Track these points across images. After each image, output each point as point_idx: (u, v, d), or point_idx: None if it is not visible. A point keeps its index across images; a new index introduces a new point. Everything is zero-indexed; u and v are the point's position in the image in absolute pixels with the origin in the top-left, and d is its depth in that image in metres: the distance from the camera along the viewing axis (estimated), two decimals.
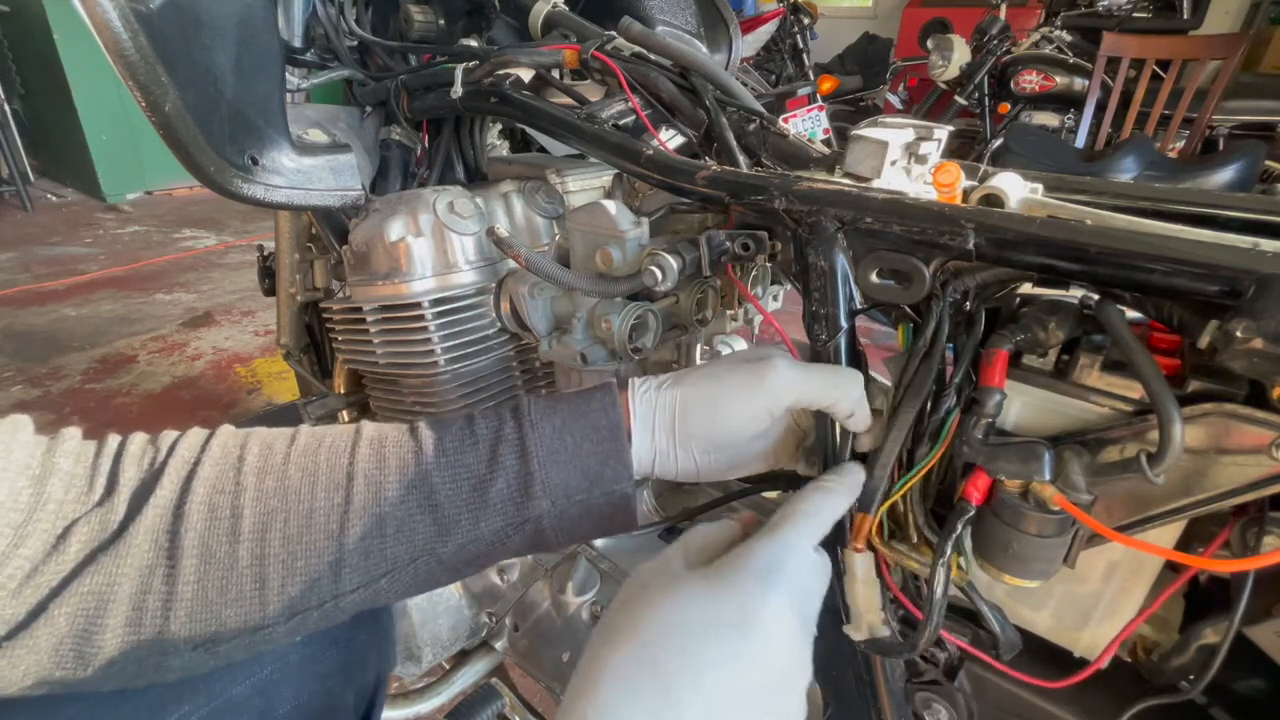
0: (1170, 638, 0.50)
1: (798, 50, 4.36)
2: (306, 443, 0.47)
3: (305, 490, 0.44)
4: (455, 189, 0.77)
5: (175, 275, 3.48)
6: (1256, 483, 0.39)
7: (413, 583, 0.47)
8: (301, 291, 1.05)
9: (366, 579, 0.45)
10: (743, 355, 0.51)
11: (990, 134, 3.51)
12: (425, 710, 0.93)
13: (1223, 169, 2.53)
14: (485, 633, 0.94)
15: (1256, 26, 4.33)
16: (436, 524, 0.45)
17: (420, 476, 0.45)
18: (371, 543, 0.44)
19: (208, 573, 0.42)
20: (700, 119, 0.68)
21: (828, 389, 0.49)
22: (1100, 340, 0.46)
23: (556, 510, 0.46)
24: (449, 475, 0.46)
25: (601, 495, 0.47)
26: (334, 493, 0.45)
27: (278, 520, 0.44)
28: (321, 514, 0.44)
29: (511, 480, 0.46)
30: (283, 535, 0.43)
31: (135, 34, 0.53)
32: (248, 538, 0.43)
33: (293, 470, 0.45)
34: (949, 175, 0.50)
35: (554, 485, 0.46)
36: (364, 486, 0.45)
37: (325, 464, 0.46)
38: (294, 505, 0.44)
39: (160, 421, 2.21)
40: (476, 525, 0.45)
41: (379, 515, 0.44)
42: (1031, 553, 0.44)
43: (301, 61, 0.85)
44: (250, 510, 0.43)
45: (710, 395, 0.49)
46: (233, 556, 0.43)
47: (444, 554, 0.46)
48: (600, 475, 0.47)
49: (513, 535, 0.46)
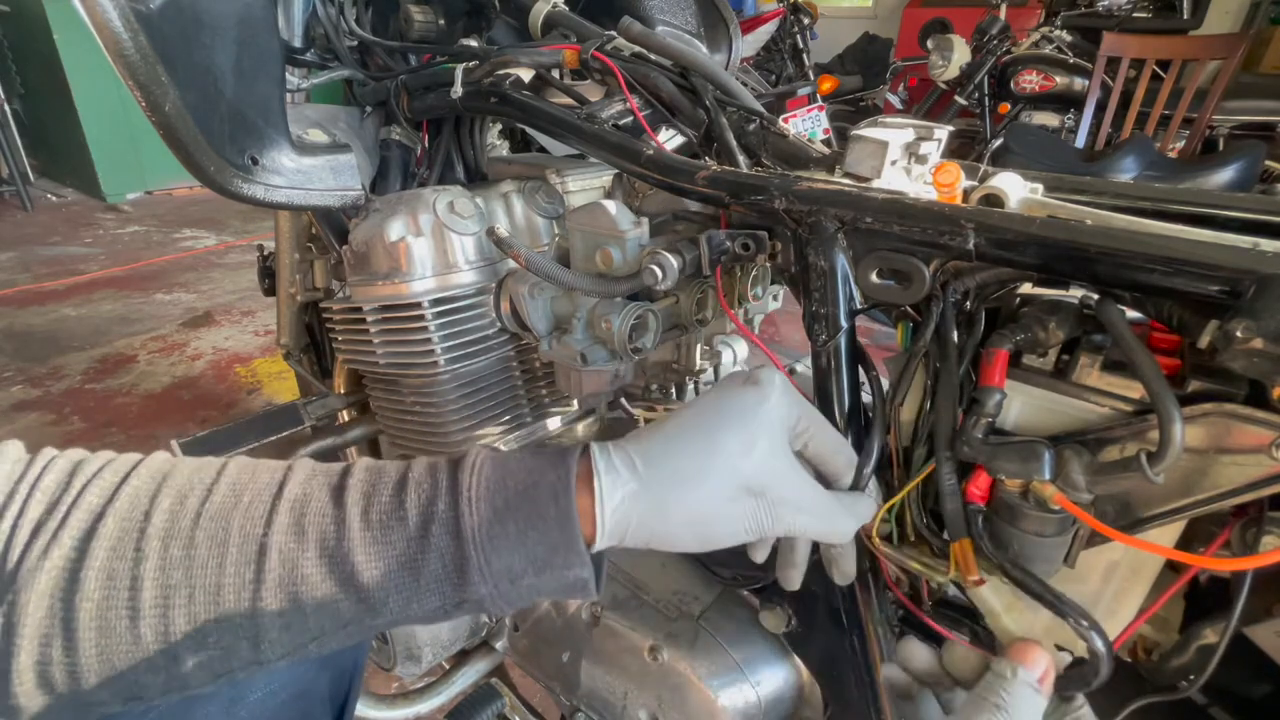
0: (1170, 638, 0.50)
1: (798, 50, 4.36)
2: (222, 502, 0.43)
3: (213, 564, 0.41)
4: (455, 189, 0.77)
5: (175, 275, 3.48)
6: (1256, 483, 0.39)
7: (347, 642, 0.44)
8: (301, 291, 1.05)
9: (290, 648, 0.43)
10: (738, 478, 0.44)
11: (990, 134, 3.50)
12: (425, 710, 0.93)
13: (1223, 169, 2.53)
14: (485, 633, 0.94)
15: (1256, 26, 4.33)
16: (362, 602, 0.42)
17: (341, 556, 0.42)
18: (291, 618, 0.42)
19: (110, 647, 0.40)
20: (700, 119, 0.68)
21: (822, 530, 0.46)
22: (1100, 340, 0.46)
23: (499, 593, 0.43)
24: (374, 553, 0.42)
25: (552, 579, 0.44)
26: (244, 569, 0.41)
27: (180, 596, 0.41)
28: (230, 591, 0.41)
29: (446, 562, 0.42)
30: (188, 613, 0.41)
31: (135, 34, 0.53)
32: (149, 614, 0.40)
33: (200, 536, 0.42)
34: (949, 175, 0.50)
35: (495, 571, 0.42)
36: (278, 563, 0.41)
37: (237, 533, 0.42)
38: (199, 580, 0.41)
39: (160, 422, 2.21)
40: (408, 605, 0.43)
41: (294, 594, 0.41)
42: (1031, 552, 0.44)
43: (301, 61, 0.85)
44: (151, 582, 0.40)
45: (702, 528, 0.44)
46: (135, 633, 0.40)
47: (375, 625, 0.44)
48: (548, 562, 0.43)
49: (452, 611, 0.44)
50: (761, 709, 0.69)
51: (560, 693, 0.82)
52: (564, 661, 0.79)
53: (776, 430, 0.46)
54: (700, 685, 0.68)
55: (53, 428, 2.22)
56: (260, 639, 0.42)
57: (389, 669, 0.93)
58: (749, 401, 0.46)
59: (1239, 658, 0.46)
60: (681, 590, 0.76)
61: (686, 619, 0.73)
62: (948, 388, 0.46)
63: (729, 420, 0.46)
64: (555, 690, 0.83)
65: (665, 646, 0.71)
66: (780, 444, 0.46)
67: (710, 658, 0.69)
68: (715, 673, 0.68)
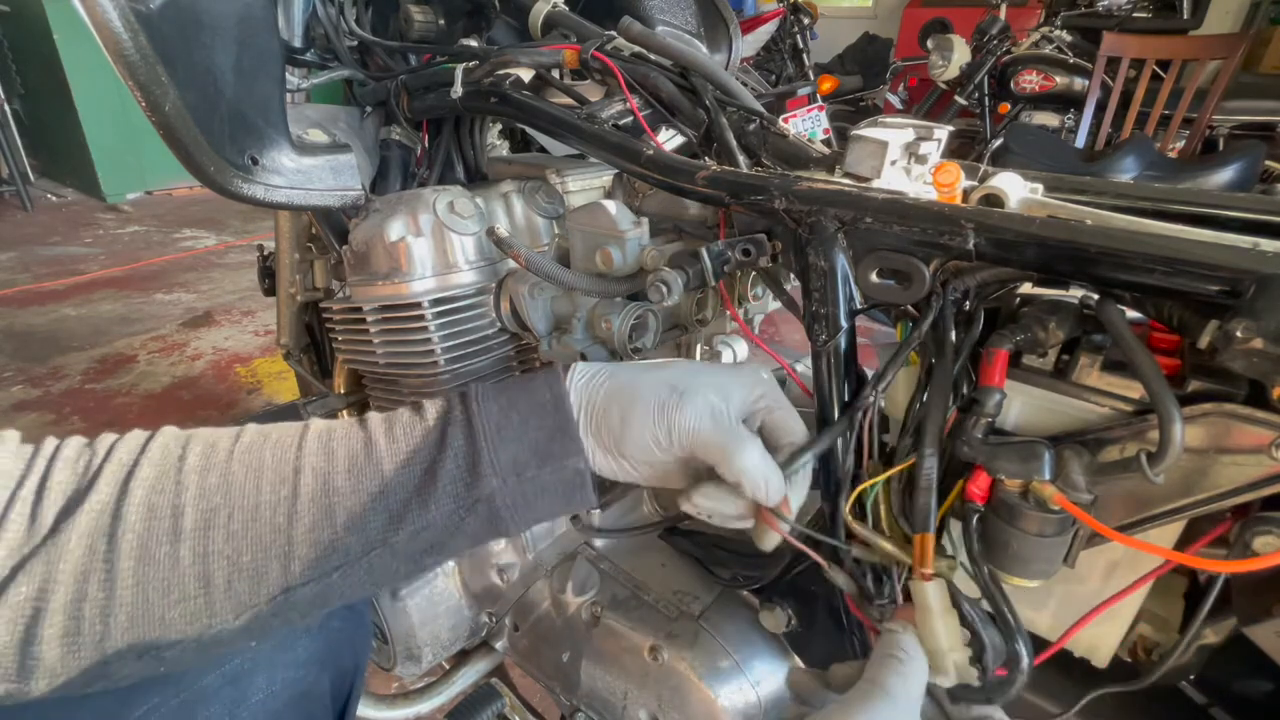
0: (1170, 638, 0.50)
1: (798, 50, 4.36)
2: (251, 439, 0.46)
3: (250, 485, 0.44)
4: (455, 189, 0.77)
5: (175, 275, 3.47)
6: (1256, 483, 0.39)
7: (367, 577, 0.46)
8: (301, 291, 1.05)
9: (318, 572, 0.44)
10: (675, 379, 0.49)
11: (990, 134, 3.50)
12: (425, 710, 0.93)
13: (1223, 169, 2.53)
14: (485, 633, 0.94)
15: (1256, 26, 4.33)
16: (388, 512, 0.45)
17: (370, 465, 0.45)
18: (322, 534, 0.44)
19: (148, 574, 0.41)
20: (700, 119, 0.68)
21: (716, 451, 0.47)
22: (1100, 340, 0.46)
23: (508, 488, 0.46)
24: (399, 461, 0.45)
25: (553, 472, 0.47)
26: (280, 486, 0.44)
27: (220, 517, 0.43)
28: (267, 508, 0.43)
29: (460, 460, 0.45)
30: (226, 531, 0.42)
31: (135, 34, 0.53)
32: (189, 536, 0.42)
33: (236, 466, 0.44)
34: (949, 175, 0.50)
35: (503, 462, 0.46)
36: (311, 479, 0.44)
37: (271, 459, 0.45)
38: (238, 501, 0.43)
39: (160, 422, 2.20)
40: (426, 510, 0.45)
41: (328, 506, 0.44)
42: (1031, 552, 0.44)
43: (301, 61, 0.85)
44: (192, 508, 0.42)
45: (625, 405, 0.48)
46: (174, 556, 0.41)
47: (397, 543, 0.45)
48: (549, 451, 0.47)
49: (465, 518, 0.46)
50: (761, 709, 0.69)
51: (560, 693, 0.82)
52: (564, 661, 0.79)
53: (733, 389, 0.50)
54: (700, 685, 0.68)
55: (53, 428, 2.22)
56: (290, 557, 0.43)
57: (389, 669, 0.93)
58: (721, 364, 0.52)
59: (1239, 658, 0.46)
60: (681, 590, 0.76)
61: (686, 619, 0.73)
62: (941, 383, 0.46)
63: (700, 365, 0.53)
64: (555, 690, 0.83)
65: (665, 646, 0.71)
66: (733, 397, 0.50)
67: (710, 658, 0.69)
68: (715, 673, 0.68)
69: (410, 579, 0.51)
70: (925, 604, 0.46)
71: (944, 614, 0.46)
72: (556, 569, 0.83)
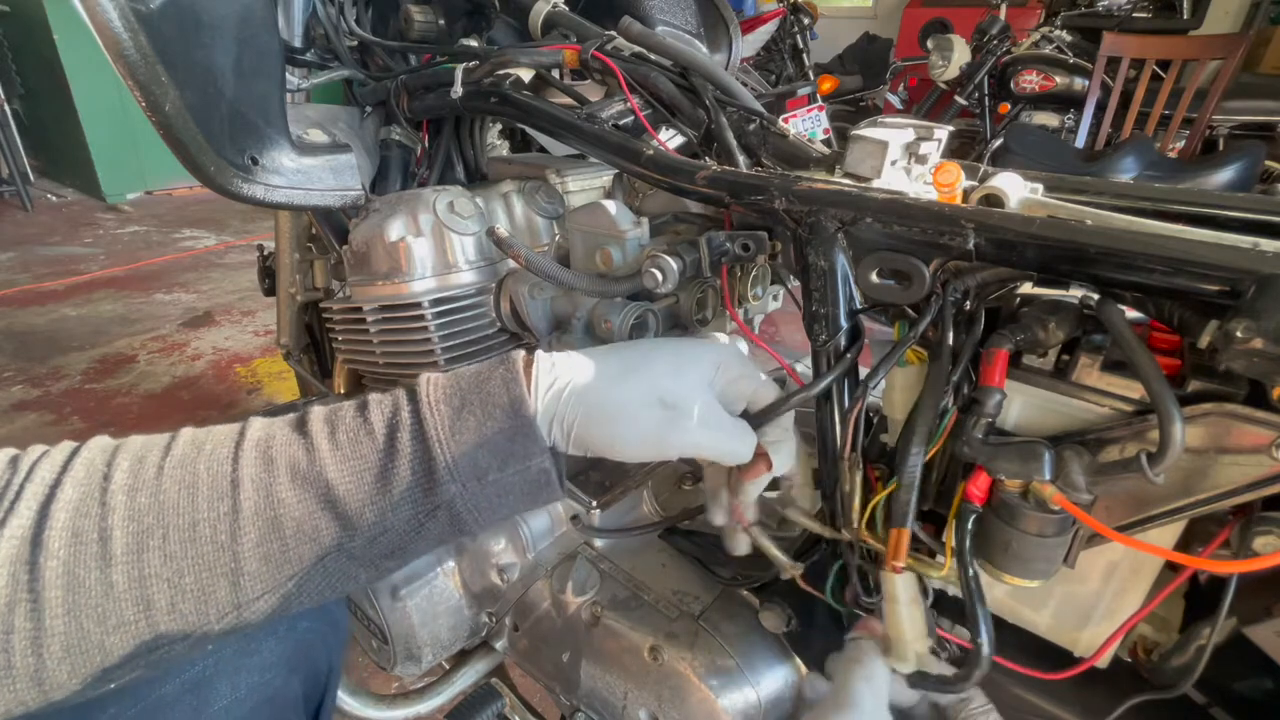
0: (1170, 638, 0.50)
1: (798, 50, 4.35)
2: (184, 452, 0.43)
3: (184, 503, 0.41)
4: (455, 189, 0.77)
5: (175, 275, 3.47)
6: (1256, 483, 0.39)
7: (325, 583, 0.44)
8: (301, 291, 1.05)
9: (271, 584, 0.42)
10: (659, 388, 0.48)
11: (990, 134, 3.50)
12: (425, 710, 0.93)
13: (1223, 169, 2.53)
14: (485, 633, 0.94)
15: (1256, 26, 4.32)
16: (339, 519, 0.43)
17: (314, 474, 0.43)
18: (270, 547, 0.42)
19: (79, 602, 0.39)
20: (700, 119, 0.68)
21: (718, 450, 0.49)
22: (1100, 340, 0.46)
23: (468, 492, 0.44)
24: (346, 469, 0.43)
25: (516, 473, 0.45)
26: (218, 502, 0.41)
27: (154, 538, 0.40)
28: (206, 525, 0.41)
29: (414, 465, 0.43)
30: (163, 553, 0.40)
31: (135, 34, 0.53)
32: (121, 560, 0.39)
33: (168, 483, 0.41)
34: (949, 175, 0.50)
35: (461, 467, 0.44)
36: (252, 491, 0.42)
37: (206, 472, 0.42)
38: (172, 520, 0.40)
39: (160, 422, 2.21)
40: (383, 517, 0.43)
41: (274, 518, 0.42)
42: (1031, 552, 0.44)
43: (301, 61, 0.85)
44: (121, 530, 0.40)
45: (610, 425, 0.47)
46: (106, 582, 0.39)
47: (354, 549, 0.44)
48: (510, 452, 0.45)
49: (425, 522, 0.44)
50: (761, 709, 0.69)
51: (560, 693, 0.82)
52: (564, 661, 0.79)
53: (705, 367, 0.49)
54: (700, 685, 0.68)
55: (53, 428, 2.22)
56: (239, 573, 0.41)
57: (389, 669, 0.93)
58: (686, 341, 0.50)
59: (1239, 658, 0.46)
60: (681, 590, 0.76)
61: (686, 619, 0.73)
62: (933, 384, 0.46)
63: (665, 349, 0.50)
64: (555, 690, 0.83)
65: (665, 646, 0.71)
66: (704, 378, 0.49)
67: (710, 658, 0.69)
68: (715, 673, 0.68)
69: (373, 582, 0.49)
70: (894, 594, 0.48)
71: (910, 605, 0.48)
72: (556, 569, 0.83)
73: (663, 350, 0.50)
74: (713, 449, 0.49)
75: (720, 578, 0.76)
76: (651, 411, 0.47)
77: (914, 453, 0.46)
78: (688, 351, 0.50)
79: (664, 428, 0.47)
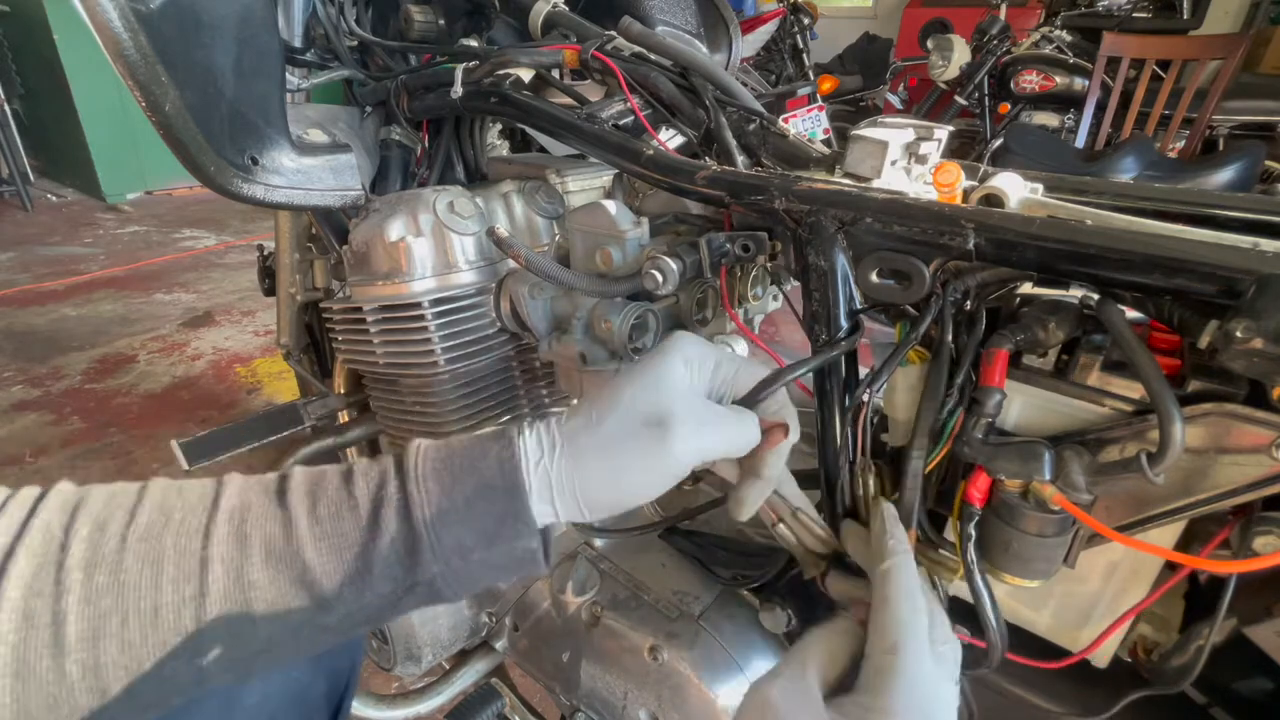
0: (1170, 638, 0.50)
1: (798, 50, 4.35)
2: (150, 521, 0.40)
3: (147, 584, 0.38)
4: (455, 189, 0.77)
5: (175, 275, 3.47)
6: (1256, 483, 0.39)
7: (294, 653, 0.43)
8: (301, 291, 1.05)
9: (234, 661, 0.41)
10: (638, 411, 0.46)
11: (990, 134, 3.50)
12: (425, 710, 0.93)
13: (1223, 169, 2.53)
14: (485, 633, 0.94)
15: (1256, 26, 4.32)
16: (314, 599, 0.41)
17: (291, 554, 0.41)
18: (239, 630, 0.40)
19: (27, 691, 0.36)
20: (700, 119, 0.68)
21: (726, 443, 0.47)
22: (1100, 340, 0.46)
23: (450, 570, 0.43)
24: (325, 546, 0.41)
25: (502, 554, 0.44)
26: (184, 584, 0.39)
27: (112, 623, 0.38)
28: (170, 610, 0.38)
29: (397, 544, 0.42)
30: (120, 640, 0.38)
31: (135, 34, 0.53)
32: (75, 648, 0.37)
33: (130, 560, 0.39)
34: (949, 175, 0.50)
35: (446, 547, 0.42)
36: (222, 573, 0.39)
37: (173, 549, 0.39)
38: (133, 603, 0.38)
39: (160, 422, 2.21)
40: (361, 596, 0.42)
41: (244, 601, 0.40)
42: (1031, 552, 0.44)
43: (301, 61, 0.85)
44: (76, 615, 0.37)
45: (611, 471, 0.45)
46: (58, 670, 0.37)
47: (327, 623, 0.42)
48: (498, 534, 0.44)
49: (404, 597, 0.43)
50: None
51: (560, 693, 0.82)
52: (564, 661, 0.79)
53: (677, 369, 0.47)
54: (700, 685, 0.68)
55: (53, 428, 2.22)
56: (202, 653, 0.39)
57: (389, 669, 0.93)
58: (649, 357, 0.48)
59: (1239, 657, 0.46)
60: (681, 590, 0.76)
61: (686, 619, 0.73)
62: (935, 384, 0.46)
63: (631, 372, 0.48)
64: (555, 690, 0.83)
65: (665, 646, 0.71)
66: (680, 381, 0.47)
67: (710, 658, 0.69)
68: (715, 673, 0.68)
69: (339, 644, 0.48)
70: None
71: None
72: (556, 569, 0.83)
73: (630, 374, 0.48)
74: (718, 445, 0.47)
75: (720, 578, 0.76)
76: (641, 435, 0.45)
77: (915, 454, 0.46)
78: (653, 363, 0.48)
79: (661, 445, 0.45)
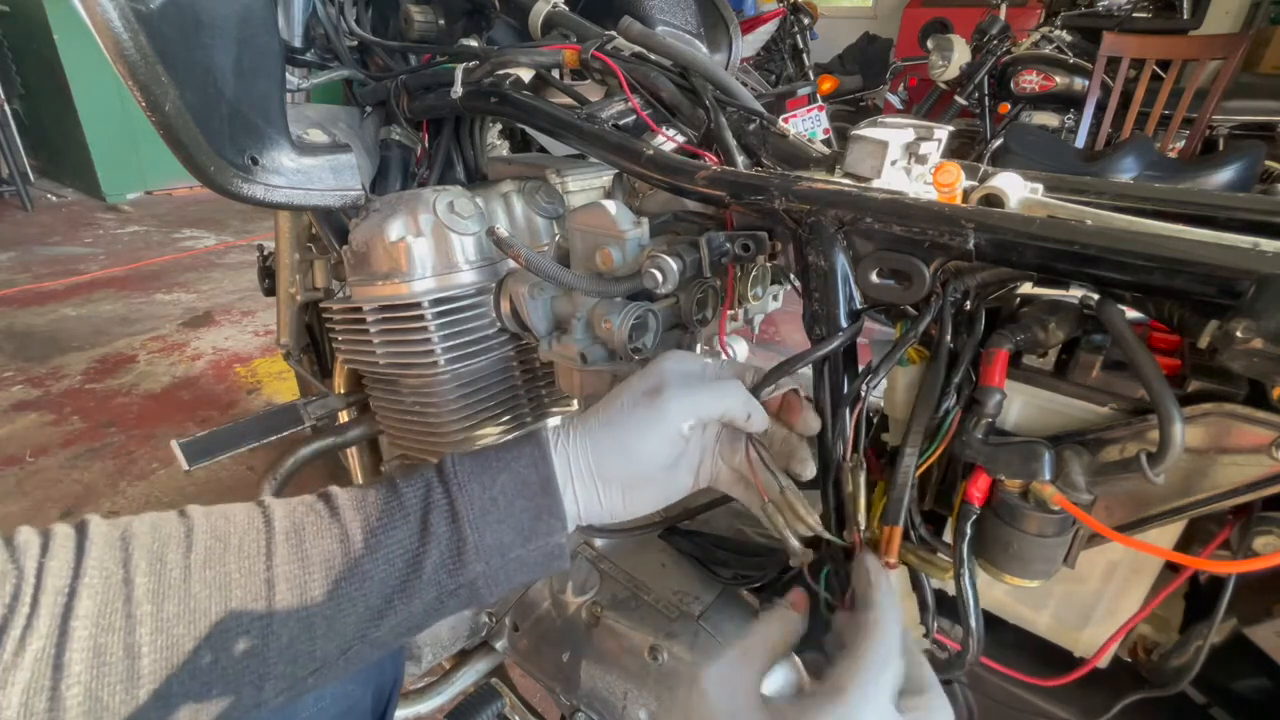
0: (1170, 638, 0.50)
1: (798, 50, 4.36)
2: (208, 547, 0.41)
3: (217, 608, 0.39)
4: (455, 189, 0.77)
5: (175, 275, 3.47)
6: (1256, 483, 0.39)
7: (340, 674, 0.44)
8: (301, 291, 1.05)
9: (291, 682, 0.42)
10: (637, 387, 0.50)
11: (990, 134, 3.50)
12: (425, 710, 0.93)
13: (1223, 169, 2.53)
14: (485, 633, 0.94)
15: (1256, 26, 4.32)
16: (369, 610, 0.43)
17: (350, 567, 0.42)
18: (298, 649, 0.41)
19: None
20: (700, 119, 0.68)
21: (716, 402, 0.49)
22: (1100, 340, 0.46)
23: (490, 569, 0.45)
24: (381, 557, 0.43)
25: (536, 550, 0.47)
26: (253, 604, 0.40)
27: (184, 649, 0.38)
28: (238, 633, 0.40)
29: (444, 548, 0.44)
30: (193, 668, 0.38)
31: (135, 34, 0.53)
32: (148, 679, 0.37)
33: (197, 587, 0.39)
34: (949, 175, 0.50)
35: (487, 546, 0.45)
36: (287, 591, 0.41)
37: (239, 572, 0.40)
38: (204, 630, 0.39)
39: (160, 422, 2.21)
40: (410, 603, 0.43)
41: (306, 619, 0.41)
42: (1031, 553, 0.44)
43: (301, 61, 0.85)
44: (149, 646, 0.37)
45: (618, 436, 0.48)
46: (130, 703, 0.37)
47: (376, 637, 0.44)
48: (533, 530, 0.46)
49: (447, 601, 0.45)
50: None
51: (560, 693, 0.82)
52: (564, 661, 0.79)
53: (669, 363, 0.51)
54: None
55: (53, 428, 2.22)
56: (265, 677, 0.40)
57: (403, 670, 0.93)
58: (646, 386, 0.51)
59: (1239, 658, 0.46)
60: (681, 590, 0.76)
61: (686, 619, 0.73)
62: (932, 382, 0.46)
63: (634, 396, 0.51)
64: (555, 690, 0.83)
65: (665, 646, 0.71)
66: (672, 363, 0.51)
67: (710, 658, 0.69)
68: None
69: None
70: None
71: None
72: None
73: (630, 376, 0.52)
74: (709, 404, 0.49)
75: (720, 578, 0.76)
76: (640, 403, 0.49)
77: (909, 452, 0.46)
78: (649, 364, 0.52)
79: (656, 405, 0.48)
